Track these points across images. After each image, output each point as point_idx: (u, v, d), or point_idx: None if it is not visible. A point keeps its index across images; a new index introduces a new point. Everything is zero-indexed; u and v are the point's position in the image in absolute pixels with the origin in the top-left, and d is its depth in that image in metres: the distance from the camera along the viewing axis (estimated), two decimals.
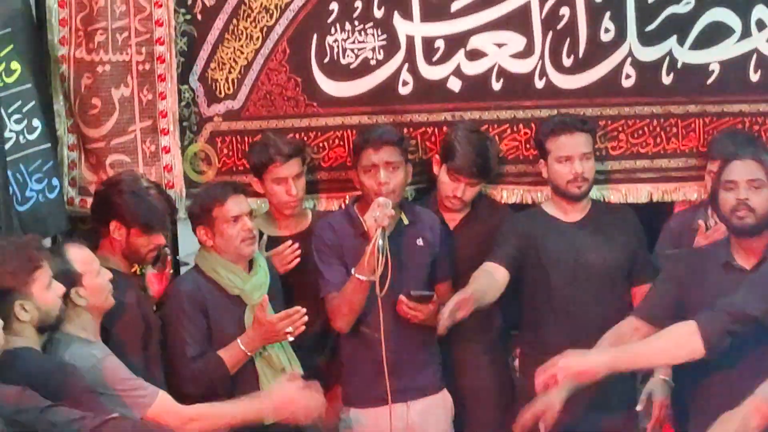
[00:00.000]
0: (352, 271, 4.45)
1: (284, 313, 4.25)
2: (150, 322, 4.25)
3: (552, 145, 4.65)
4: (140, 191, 4.29)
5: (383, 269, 4.35)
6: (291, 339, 4.28)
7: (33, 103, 4.73)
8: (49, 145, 4.80)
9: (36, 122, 4.74)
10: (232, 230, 4.33)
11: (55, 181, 4.81)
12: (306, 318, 4.25)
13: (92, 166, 4.91)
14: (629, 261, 4.67)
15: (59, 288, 3.69)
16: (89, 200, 4.77)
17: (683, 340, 3.77)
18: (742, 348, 3.82)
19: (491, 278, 4.53)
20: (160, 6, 4.83)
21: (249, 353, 4.27)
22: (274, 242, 4.68)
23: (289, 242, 4.67)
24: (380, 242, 4.33)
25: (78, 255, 3.93)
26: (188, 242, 4.86)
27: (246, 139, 4.97)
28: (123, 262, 4.31)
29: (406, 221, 4.62)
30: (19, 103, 4.68)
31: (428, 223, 4.67)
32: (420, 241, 4.62)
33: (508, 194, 4.99)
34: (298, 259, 4.64)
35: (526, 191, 4.99)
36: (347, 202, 4.79)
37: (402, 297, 4.44)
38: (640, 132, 4.91)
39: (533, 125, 4.92)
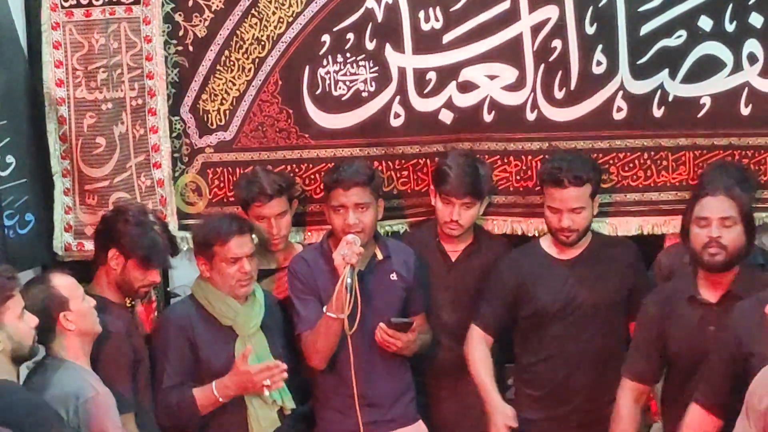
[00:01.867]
0: (324, 308, 4.45)
1: (264, 365, 4.23)
2: (139, 351, 4.25)
3: (546, 193, 4.64)
4: (146, 224, 4.28)
5: (353, 307, 4.35)
6: (267, 393, 4.23)
7: (8, 139, 4.71)
8: (24, 180, 4.78)
9: (10, 158, 4.73)
10: (229, 270, 4.35)
11: (28, 216, 4.80)
12: (286, 375, 4.21)
13: (91, 208, 4.90)
14: (624, 297, 4.65)
15: (32, 319, 3.69)
16: (86, 243, 4.78)
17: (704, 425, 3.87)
18: None
19: (488, 355, 4.67)
20: (150, 41, 4.84)
21: (221, 399, 4.24)
22: (263, 275, 4.69)
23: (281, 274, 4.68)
24: (348, 281, 4.34)
25: (62, 281, 3.96)
26: (180, 274, 4.89)
27: (237, 170, 4.99)
28: (115, 293, 4.30)
29: (380, 256, 4.63)
30: None
31: (402, 257, 4.68)
32: (393, 276, 4.62)
33: (498, 225, 5.00)
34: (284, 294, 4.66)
35: (516, 222, 5.00)
36: (322, 236, 4.77)
37: (381, 324, 4.46)
38: (631, 165, 4.92)
39: (524, 157, 4.93)
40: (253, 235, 4.51)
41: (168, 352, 4.32)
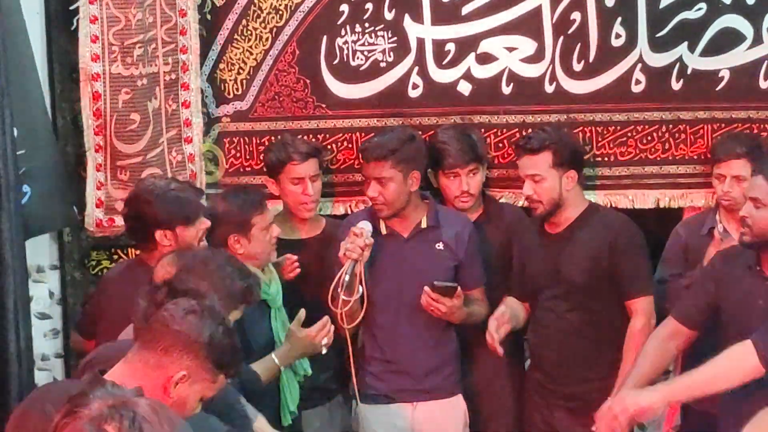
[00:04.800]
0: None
1: (320, 324, 4.26)
2: None
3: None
4: (163, 192, 4.22)
5: (356, 301, 4.42)
6: (325, 351, 4.28)
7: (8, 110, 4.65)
8: (23, 151, 4.68)
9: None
10: (266, 237, 4.33)
11: (25, 188, 4.66)
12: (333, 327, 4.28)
13: (122, 183, 4.83)
14: (601, 275, 4.57)
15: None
16: (117, 219, 4.72)
17: (740, 363, 3.73)
18: None
19: (520, 305, 4.69)
20: (185, 14, 4.80)
21: (282, 367, 4.27)
22: (287, 245, 4.64)
23: (289, 255, 4.61)
24: (347, 277, 4.35)
25: None
26: None
27: (254, 140, 4.97)
28: None
29: (424, 224, 4.61)
30: None
31: (455, 228, 4.63)
32: (439, 245, 4.59)
33: (513, 199, 4.96)
34: (297, 271, 4.59)
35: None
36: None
37: (426, 288, 4.45)
38: (649, 138, 4.89)
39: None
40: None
41: None
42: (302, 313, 4.27)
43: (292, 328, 4.27)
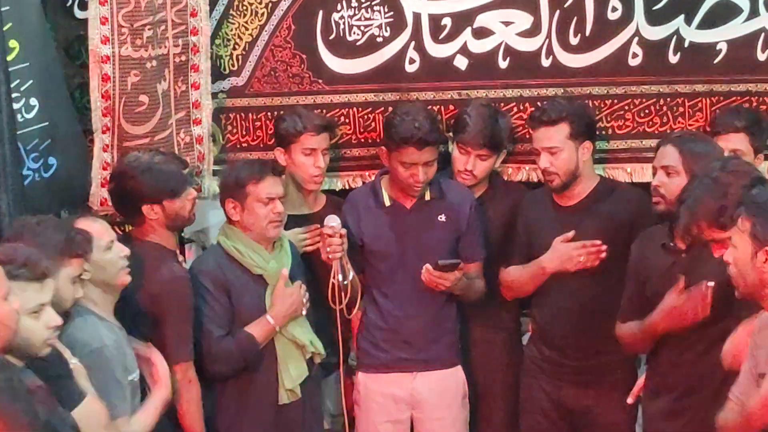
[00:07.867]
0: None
1: (298, 284, 4.34)
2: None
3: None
4: (148, 166, 4.24)
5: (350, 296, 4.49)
6: (305, 312, 4.31)
7: (31, 81, 4.65)
8: (47, 123, 4.74)
9: (33, 101, 4.67)
10: (262, 210, 4.32)
11: (51, 160, 4.74)
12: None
13: None
14: (620, 249, 4.50)
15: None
16: None
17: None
18: None
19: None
20: None
21: (277, 327, 4.29)
22: (290, 220, 4.62)
23: (314, 226, 4.64)
24: (340, 277, 4.43)
25: (88, 226, 3.83)
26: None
27: (250, 116, 4.96)
28: (169, 239, 4.29)
29: (428, 197, 4.64)
30: (17, 81, 4.60)
31: (457, 201, 4.67)
32: (442, 217, 4.64)
33: (513, 172, 4.97)
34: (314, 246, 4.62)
35: (532, 169, 4.93)
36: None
37: (427, 266, 4.49)
38: (647, 111, 4.88)
39: (539, 104, 4.86)
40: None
41: (212, 304, 4.31)
42: (285, 271, 4.29)
43: (278, 285, 4.29)
